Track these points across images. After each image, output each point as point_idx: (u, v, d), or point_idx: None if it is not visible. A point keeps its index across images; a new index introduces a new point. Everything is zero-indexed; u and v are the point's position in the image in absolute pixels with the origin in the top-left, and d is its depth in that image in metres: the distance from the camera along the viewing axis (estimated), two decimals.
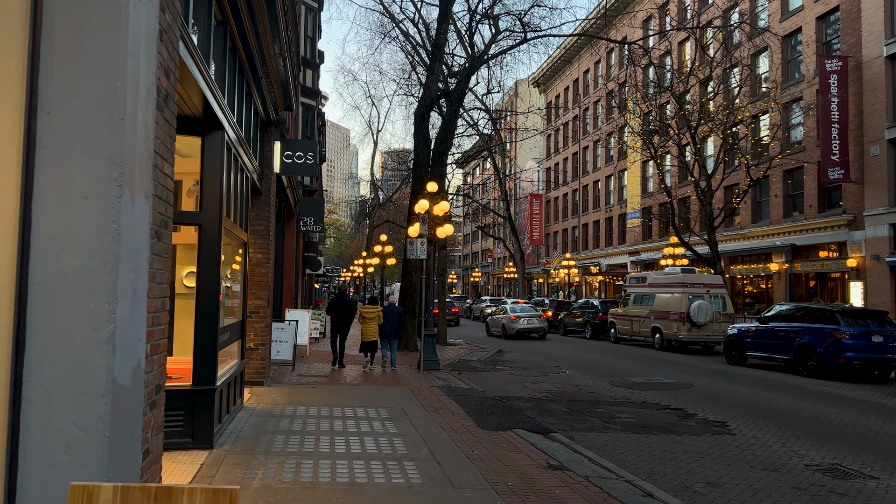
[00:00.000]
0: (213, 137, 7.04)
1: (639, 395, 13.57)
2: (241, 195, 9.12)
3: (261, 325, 11.56)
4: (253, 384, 11.49)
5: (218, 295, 6.99)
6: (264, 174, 11.68)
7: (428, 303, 15.85)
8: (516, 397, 12.75)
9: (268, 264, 11.65)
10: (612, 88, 46.51)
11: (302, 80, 23.34)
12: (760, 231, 31.32)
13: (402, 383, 13.09)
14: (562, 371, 17.36)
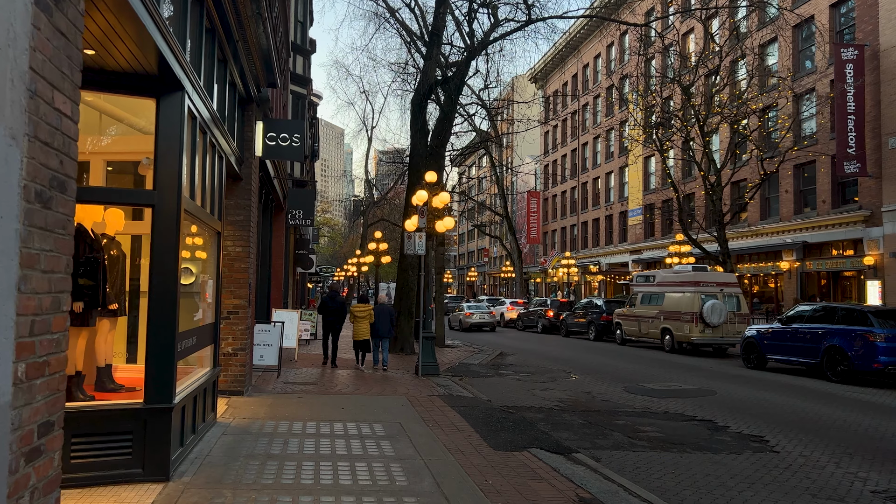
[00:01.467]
0: (170, 100, 5.77)
1: (659, 403, 12.34)
2: (214, 178, 7.84)
3: (240, 327, 10.27)
4: (231, 394, 10.20)
5: (176, 293, 5.71)
6: (244, 157, 10.40)
7: (426, 302, 14.59)
8: (526, 407, 11.49)
9: (248, 259, 10.36)
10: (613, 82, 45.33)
11: (292, 66, 22.05)
12: (770, 228, 30.17)
13: (399, 391, 11.82)
14: (570, 376, 16.12)
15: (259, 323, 12.67)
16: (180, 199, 5.75)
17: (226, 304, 10.21)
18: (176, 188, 5.72)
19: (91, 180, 6.75)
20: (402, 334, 19.37)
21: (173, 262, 5.68)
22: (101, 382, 7.04)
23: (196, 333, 7.01)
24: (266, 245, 17.48)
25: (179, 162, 5.75)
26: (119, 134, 7.12)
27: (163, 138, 5.70)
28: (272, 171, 15.64)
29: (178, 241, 5.74)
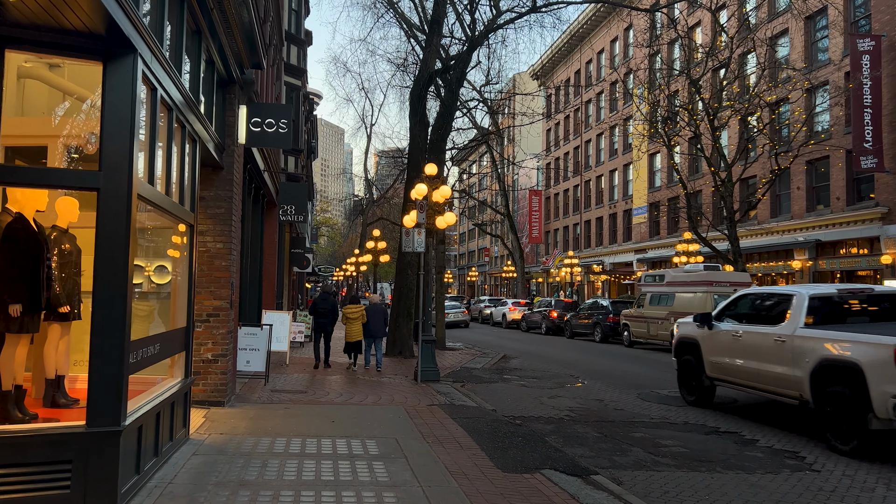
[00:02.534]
0: (120, 65, 4.84)
1: (677, 412, 11.40)
2: (184, 164, 6.91)
3: (221, 331, 9.34)
4: (211, 404, 9.27)
5: (126, 293, 4.79)
6: (225, 145, 9.46)
7: (426, 303, 13.67)
8: (534, 417, 10.56)
9: (230, 256, 9.43)
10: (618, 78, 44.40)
11: (286, 56, 21.14)
12: (781, 226, 29.23)
13: (396, 400, 10.88)
14: (578, 381, 15.19)
15: (245, 326, 11.75)
16: (132, 183, 4.82)
17: (204, 306, 9.28)
18: (126, 170, 4.79)
19: None
20: (400, 337, 18.45)
21: (122, 257, 4.75)
22: (51, 396, 6.11)
23: (160, 340, 6.09)
24: (257, 243, 16.56)
25: (131, 138, 4.82)
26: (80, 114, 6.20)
27: (110, 109, 4.77)
28: (262, 164, 14.72)
29: (129, 231, 4.81)
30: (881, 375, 8.03)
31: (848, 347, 8.68)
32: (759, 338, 10.51)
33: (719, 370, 11.50)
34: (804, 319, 9.72)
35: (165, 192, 6.11)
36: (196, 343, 9.26)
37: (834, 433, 8.80)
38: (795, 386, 9.57)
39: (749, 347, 10.72)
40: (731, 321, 11.52)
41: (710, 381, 11.84)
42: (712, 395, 12.00)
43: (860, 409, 8.31)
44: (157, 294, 6.76)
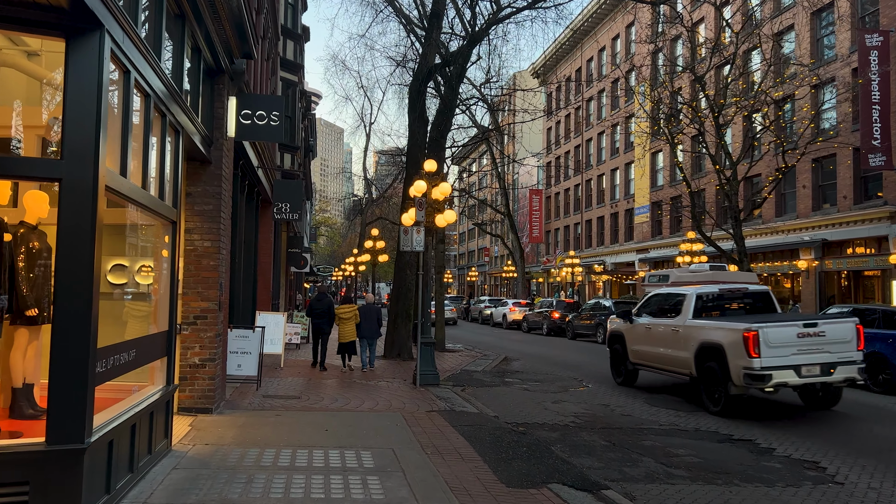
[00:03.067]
0: (84, 42, 4.36)
1: (687, 418, 10.93)
2: (165, 156, 6.44)
3: (209, 333, 8.86)
4: (198, 412, 8.79)
5: (89, 294, 4.31)
6: (214, 138, 8.99)
7: (426, 303, 13.19)
8: (538, 424, 10.09)
9: (218, 255, 8.95)
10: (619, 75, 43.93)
11: (282, 51, 20.66)
12: (786, 225, 28.75)
13: (394, 406, 10.41)
14: (582, 385, 14.72)
15: (236, 328, 11.27)
16: (98, 173, 4.34)
17: (191, 308, 8.81)
18: (92, 159, 4.31)
19: None
20: (399, 338, 17.97)
21: (86, 255, 4.28)
22: (17, 407, 5.63)
23: (136, 346, 5.61)
24: (251, 242, 16.10)
25: (97, 124, 4.34)
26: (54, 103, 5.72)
27: (74, 91, 4.30)
28: (255, 161, 14.26)
29: (96, 226, 4.34)
30: (736, 353, 10.65)
31: (717, 333, 11.26)
32: (663, 329, 13.12)
33: (638, 356, 13.95)
34: (693, 312, 12.33)
35: (142, 185, 5.64)
36: (182, 347, 8.80)
37: (709, 399, 11.35)
38: (687, 365, 12.01)
39: (656, 337, 13.25)
40: (646, 316, 14.05)
41: (632, 366, 14.30)
42: (636, 377, 14.51)
43: (724, 379, 10.90)
44: (135, 296, 6.28)
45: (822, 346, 10.67)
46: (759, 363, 10.38)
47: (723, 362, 10.92)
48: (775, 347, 10.49)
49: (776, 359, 10.44)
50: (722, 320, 11.84)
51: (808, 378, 10.57)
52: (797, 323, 10.85)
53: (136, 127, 5.51)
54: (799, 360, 10.52)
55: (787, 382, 10.51)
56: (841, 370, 10.66)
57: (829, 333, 10.78)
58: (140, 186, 5.56)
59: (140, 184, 5.57)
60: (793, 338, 10.65)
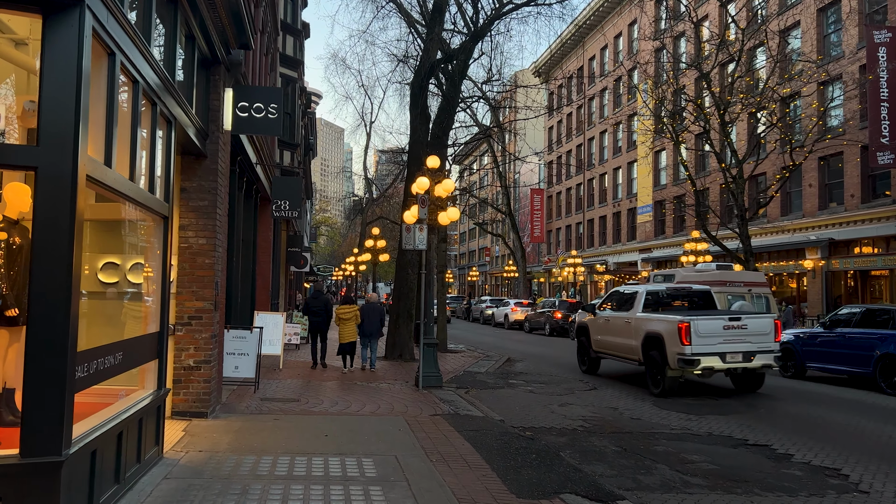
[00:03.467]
0: (64, 18, 4.01)
1: (698, 422, 10.58)
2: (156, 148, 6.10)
3: (204, 335, 8.51)
4: (193, 416, 8.45)
5: (67, 293, 3.96)
6: (209, 131, 8.64)
7: (428, 303, 12.85)
8: (546, 429, 9.74)
9: (214, 253, 8.60)
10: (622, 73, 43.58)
11: (282, 46, 20.31)
12: (792, 224, 28.40)
13: (396, 409, 10.06)
14: (589, 386, 14.36)
15: (233, 329, 10.92)
16: (77, 161, 3.99)
17: (186, 308, 8.47)
18: (71, 145, 3.96)
19: None
20: (400, 339, 17.62)
21: (64, 250, 3.93)
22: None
23: (123, 348, 5.26)
24: (250, 240, 15.76)
25: (76, 107, 3.99)
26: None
27: (51, 71, 3.95)
28: (254, 157, 13.92)
29: (75, 219, 3.98)
30: (672, 341, 12.39)
31: (658, 324, 13.00)
32: (618, 321, 14.78)
33: (600, 346, 15.62)
34: (642, 307, 14.08)
35: (130, 177, 5.28)
36: (177, 348, 8.46)
37: (652, 382, 13.01)
38: (636, 352, 13.70)
39: (613, 328, 14.95)
40: (607, 310, 15.64)
41: (595, 354, 15.96)
42: (598, 365, 16.26)
43: (663, 364, 12.60)
44: (123, 295, 5.93)
45: (745, 337, 12.51)
46: (690, 350, 12.22)
47: (662, 350, 12.67)
48: (704, 337, 12.29)
49: (704, 347, 12.26)
50: (664, 314, 13.53)
51: (731, 363, 12.48)
52: (724, 317, 12.82)
53: (123, 115, 5.16)
54: (724, 348, 12.38)
55: (713, 367, 12.37)
56: (760, 357, 12.59)
57: (751, 326, 12.64)
58: (128, 179, 5.21)
59: (128, 176, 5.23)
60: (719, 329, 12.48)
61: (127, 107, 5.29)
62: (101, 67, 4.62)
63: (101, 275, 7.32)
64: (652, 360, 13.02)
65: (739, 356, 12.45)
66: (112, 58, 4.72)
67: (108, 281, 5.66)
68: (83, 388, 4.34)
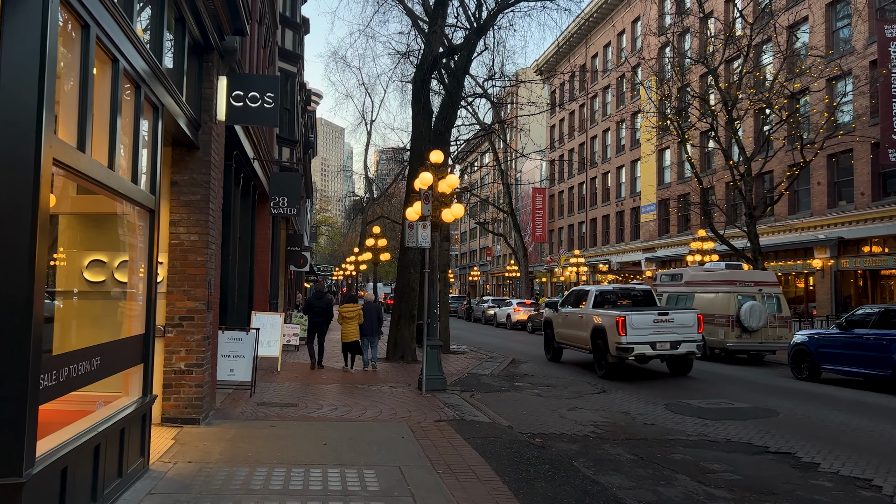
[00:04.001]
0: None
1: (715, 427, 10.11)
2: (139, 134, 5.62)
3: (196, 336, 8.04)
4: (184, 422, 7.97)
5: (28, 292, 3.48)
6: (202, 121, 8.17)
7: (431, 304, 12.37)
8: (556, 435, 9.27)
9: (207, 250, 8.13)
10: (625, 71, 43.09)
11: (280, 40, 19.84)
12: (800, 223, 27.93)
13: (399, 414, 9.59)
14: (598, 390, 13.89)
15: (228, 330, 10.45)
16: (42, 142, 3.52)
17: (177, 308, 8.00)
18: (34, 121, 3.49)
19: None
20: (402, 340, 17.15)
21: (23, 244, 3.45)
22: None
23: (101, 352, 4.79)
24: (247, 238, 15.29)
25: (41, 81, 3.52)
26: None
27: (11, 39, 3.48)
28: (251, 152, 13.45)
29: (38, 209, 3.51)
30: (612, 332, 14.66)
31: (604, 319, 15.25)
32: (573, 315, 17.25)
33: (561, 337, 18.17)
34: (592, 304, 16.48)
35: (109, 165, 4.81)
36: (166, 351, 7.99)
37: (598, 366, 15.47)
38: (587, 342, 16.02)
39: (570, 322, 17.42)
40: (567, 307, 17.92)
41: (557, 345, 18.54)
42: (560, 354, 18.87)
43: (605, 351, 14.96)
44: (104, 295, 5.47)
45: (672, 329, 14.79)
46: (626, 340, 14.54)
47: (605, 340, 15.03)
48: (637, 329, 14.58)
49: (638, 337, 14.56)
50: (609, 310, 15.70)
51: (660, 351, 14.78)
52: (654, 312, 15.10)
53: (101, 97, 4.70)
54: (654, 338, 14.67)
55: (645, 353, 14.65)
56: (684, 346, 14.86)
57: (677, 320, 15.00)
58: (106, 167, 4.74)
59: (106, 163, 4.75)
60: (650, 323, 14.74)
61: (107, 88, 4.81)
62: (72, 41, 4.16)
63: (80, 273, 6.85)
64: (598, 347, 15.43)
65: (667, 345, 14.73)
66: (86, 30, 4.24)
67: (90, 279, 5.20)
68: (51, 399, 3.88)
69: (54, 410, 4.41)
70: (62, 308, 4.76)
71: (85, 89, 4.24)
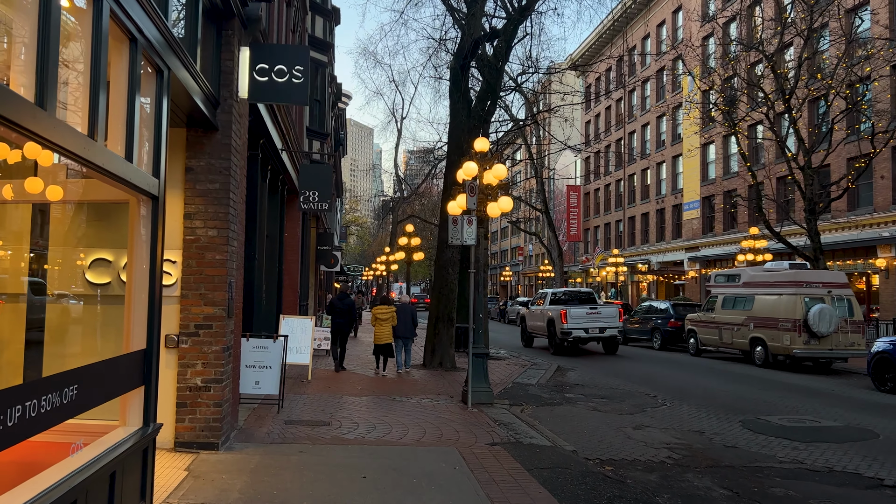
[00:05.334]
0: None
1: (808, 452, 8.74)
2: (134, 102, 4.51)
3: (214, 347, 6.94)
4: (200, 447, 6.88)
5: None
6: (221, 98, 7.06)
7: (478, 307, 11.15)
8: (628, 462, 7.98)
9: (227, 248, 7.03)
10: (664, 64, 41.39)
11: (311, 28, 18.80)
12: (861, 220, 26.12)
13: (446, 435, 8.39)
14: (658, 402, 12.56)
15: (253, 337, 9.35)
16: None
17: (192, 315, 6.91)
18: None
19: None
20: (441, 346, 15.98)
21: None
22: None
23: (80, 378, 3.67)
24: (276, 237, 14.25)
25: None
26: None
27: None
28: (279, 142, 12.37)
29: None
30: (559, 321, 20.43)
31: (553, 312, 21.00)
32: (537, 311, 23.09)
33: (530, 328, 24.00)
34: (548, 302, 22.24)
35: (90, 134, 3.69)
36: (181, 364, 6.91)
37: (550, 345, 21.29)
38: (545, 330, 21.73)
39: (535, 315, 23.38)
40: (535, 305, 23.75)
41: (528, 334, 24.27)
42: (532, 341, 24.25)
43: (554, 335, 20.77)
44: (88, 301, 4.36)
45: (600, 319, 20.66)
46: (567, 326, 20.35)
47: (554, 327, 20.88)
48: (575, 319, 20.46)
49: (575, 324, 20.39)
50: (558, 306, 21.26)
51: (592, 334, 20.51)
52: (587, 307, 20.97)
53: (72, 41, 3.57)
54: (587, 325, 20.47)
55: (580, 336, 20.40)
56: (609, 331, 20.72)
57: (604, 313, 20.94)
58: (86, 135, 3.62)
59: (86, 130, 3.63)
60: (584, 314, 20.65)
61: (85, 35, 3.69)
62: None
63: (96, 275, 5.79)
64: (551, 333, 21.32)
65: (597, 330, 20.60)
66: None
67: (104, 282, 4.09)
68: (15, 442, 2.76)
69: (9, 463, 3.31)
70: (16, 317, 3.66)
71: (47, 26, 3.11)
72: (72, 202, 5.26)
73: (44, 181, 4.37)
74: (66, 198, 5.01)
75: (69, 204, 5.29)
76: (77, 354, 5.30)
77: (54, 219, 5.31)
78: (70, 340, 5.27)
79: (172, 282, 6.91)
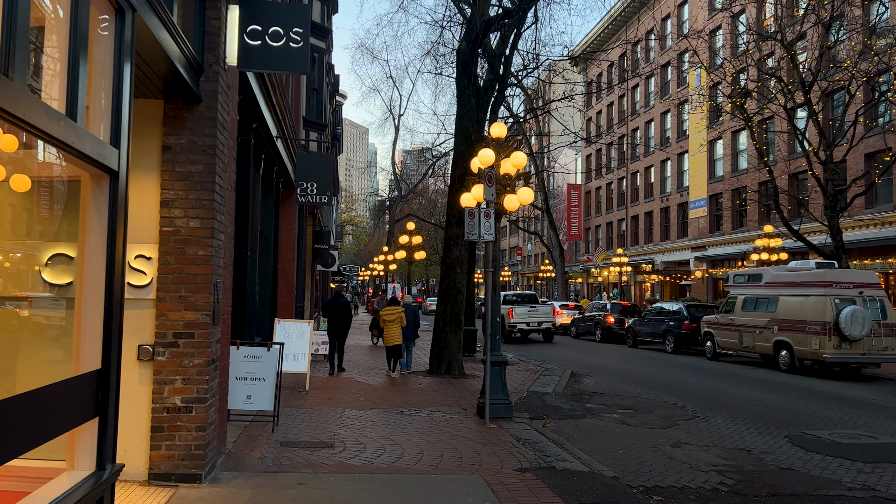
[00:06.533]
0: None
1: (874, 474, 7.69)
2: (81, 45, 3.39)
3: (196, 360, 5.82)
4: (180, 479, 5.76)
5: None
6: (205, 63, 5.95)
7: (495, 311, 10.05)
8: (677, 489, 6.90)
9: (212, 242, 5.91)
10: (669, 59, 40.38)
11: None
12: (879, 218, 25.14)
13: (466, 459, 7.29)
14: (689, 413, 11.48)
15: (244, 345, 8.22)
16: None
17: (170, 321, 5.80)
18: None
19: None
20: (448, 350, 14.87)
21: None
22: None
23: (16, 408, 2.55)
24: (271, 233, 13.12)
25: None
26: None
27: None
28: (274, 128, 11.25)
29: None
30: (507, 317, 25.92)
31: (504, 309, 25.57)
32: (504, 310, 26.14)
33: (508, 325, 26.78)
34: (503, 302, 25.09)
35: (4, 71, 2.57)
36: (157, 380, 5.80)
37: (507, 339, 25.03)
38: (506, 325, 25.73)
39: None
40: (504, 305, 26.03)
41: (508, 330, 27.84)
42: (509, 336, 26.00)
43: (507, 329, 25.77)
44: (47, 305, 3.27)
45: (538, 315, 26.25)
46: (513, 321, 25.68)
47: (504, 322, 25.11)
48: (519, 315, 25.89)
49: (519, 319, 25.86)
50: (507, 305, 25.86)
51: (532, 327, 25.99)
52: (528, 305, 26.40)
53: None
54: (528, 319, 26.00)
55: (522, 329, 25.90)
56: (545, 324, 26.27)
57: (541, 310, 26.51)
58: (8, 78, 2.51)
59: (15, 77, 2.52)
60: (526, 311, 26.09)
61: None
62: None
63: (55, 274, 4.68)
64: (503, 327, 23.87)
65: (536, 323, 26.00)
66: None
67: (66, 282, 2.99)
68: None
69: None
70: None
71: None
72: (21, 181, 4.15)
73: None
74: (14, 175, 3.90)
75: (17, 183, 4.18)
76: (22, 373, 4.19)
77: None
78: (9, 356, 4.15)
79: (147, 282, 5.81)
